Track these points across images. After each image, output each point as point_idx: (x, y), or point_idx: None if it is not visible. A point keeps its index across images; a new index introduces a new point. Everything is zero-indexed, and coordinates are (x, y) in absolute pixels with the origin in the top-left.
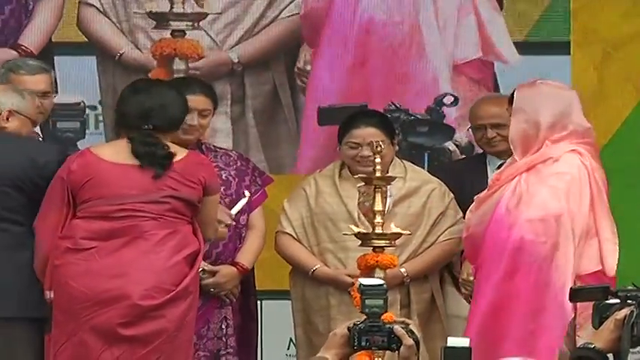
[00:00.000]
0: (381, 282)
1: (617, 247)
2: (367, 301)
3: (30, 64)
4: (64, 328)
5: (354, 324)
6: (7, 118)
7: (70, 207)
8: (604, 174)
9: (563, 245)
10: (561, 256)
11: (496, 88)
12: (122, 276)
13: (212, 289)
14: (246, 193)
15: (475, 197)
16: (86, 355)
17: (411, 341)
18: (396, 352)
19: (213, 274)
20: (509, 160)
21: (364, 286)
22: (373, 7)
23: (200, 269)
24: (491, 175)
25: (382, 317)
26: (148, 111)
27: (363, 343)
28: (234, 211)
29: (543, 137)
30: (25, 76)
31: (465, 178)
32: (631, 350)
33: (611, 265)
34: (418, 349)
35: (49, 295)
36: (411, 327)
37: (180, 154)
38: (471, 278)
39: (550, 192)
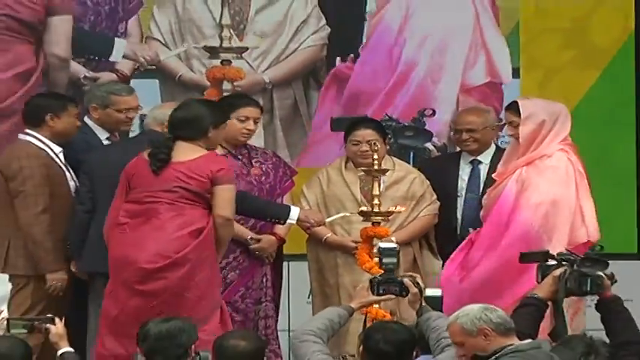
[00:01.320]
0: (395, 245)
1: (596, 221)
2: (384, 260)
3: (125, 87)
4: (110, 282)
5: (374, 277)
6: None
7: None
8: (583, 166)
9: (555, 224)
10: (553, 233)
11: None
12: (137, 245)
13: (257, 252)
14: (347, 214)
15: (488, 190)
16: (118, 302)
17: (416, 290)
18: (406, 297)
19: (258, 240)
20: (483, 157)
21: (382, 248)
22: (411, 39)
23: (249, 237)
24: (464, 166)
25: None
26: (176, 122)
27: (381, 291)
28: (328, 220)
29: (545, 133)
30: (126, 97)
31: (444, 168)
32: (587, 298)
33: (594, 234)
34: (422, 295)
35: None
36: (417, 279)
37: (197, 154)
38: None
39: (546, 182)
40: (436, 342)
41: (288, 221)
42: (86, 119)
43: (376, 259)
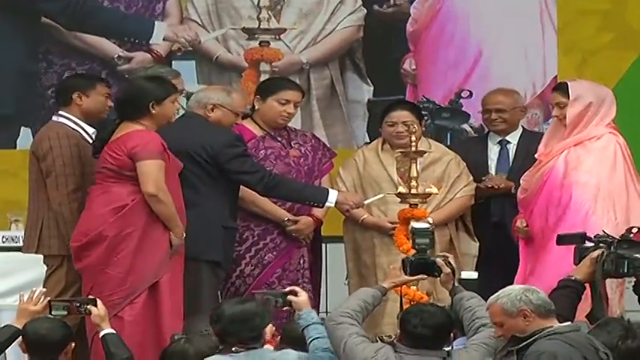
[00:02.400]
0: (428, 225)
1: None
2: (417, 240)
3: (171, 70)
4: None
5: (407, 257)
6: (212, 110)
7: None
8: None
9: (600, 203)
10: (597, 210)
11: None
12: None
13: (294, 234)
14: (385, 194)
15: (529, 170)
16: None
17: (449, 270)
18: (438, 278)
19: (296, 222)
20: (511, 137)
21: (415, 228)
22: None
23: (286, 219)
24: (492, 147)
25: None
26: (117, 103)
27: (414, 271)
28: (366, 201)
29: (591, 116)
30: (171, 80)
31: (473, 149)
32: (628, 280)
33: None
34: (454, 276)
35: None
36: (450, 259)
37: (120, 133)
38: (524, 225)
39: (594, 163)
40: (470, 322)
41: (327, 204)
42: None
43: None
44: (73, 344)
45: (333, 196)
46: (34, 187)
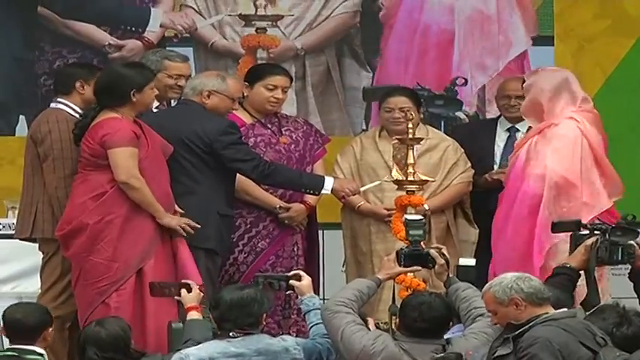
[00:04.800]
0: (421, 217)
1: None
2: (411, 232)
3: (179, 54)
4: None
5: (401, 248)
6: (208, 97)
7: None
8: (602, 134)
9: (550, 193)
10: (554, 201)
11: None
12: None
13: (286, 221)
14: (382, 181)
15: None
16: None
17: (442, 261)
18: (432, 269)
19: (288, 209)
20: (521, 126)
21: (408, 220)
22: (432, 17)
23: (277, 206)
24: (501, 133)
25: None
26: (98, 91)
27: (408, 263)
28: (362, 188)
29: (547, 107)
30: (179, 63)
31: (480, 134)
32: (611, 267)
33: (605, 202)
34: (448, 267)
35: None
36: (443, 251)
37: (96, 121)
38: None
39: (551, 152)
40: (467, 312)
41: (323, 192)
42: None
43: None
44: (51, 329)
45: (329, 183)
46: (29, 172)
